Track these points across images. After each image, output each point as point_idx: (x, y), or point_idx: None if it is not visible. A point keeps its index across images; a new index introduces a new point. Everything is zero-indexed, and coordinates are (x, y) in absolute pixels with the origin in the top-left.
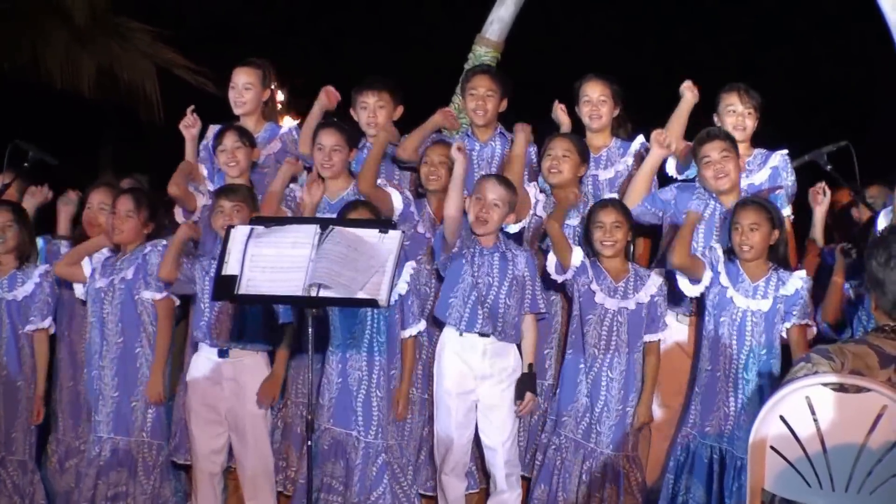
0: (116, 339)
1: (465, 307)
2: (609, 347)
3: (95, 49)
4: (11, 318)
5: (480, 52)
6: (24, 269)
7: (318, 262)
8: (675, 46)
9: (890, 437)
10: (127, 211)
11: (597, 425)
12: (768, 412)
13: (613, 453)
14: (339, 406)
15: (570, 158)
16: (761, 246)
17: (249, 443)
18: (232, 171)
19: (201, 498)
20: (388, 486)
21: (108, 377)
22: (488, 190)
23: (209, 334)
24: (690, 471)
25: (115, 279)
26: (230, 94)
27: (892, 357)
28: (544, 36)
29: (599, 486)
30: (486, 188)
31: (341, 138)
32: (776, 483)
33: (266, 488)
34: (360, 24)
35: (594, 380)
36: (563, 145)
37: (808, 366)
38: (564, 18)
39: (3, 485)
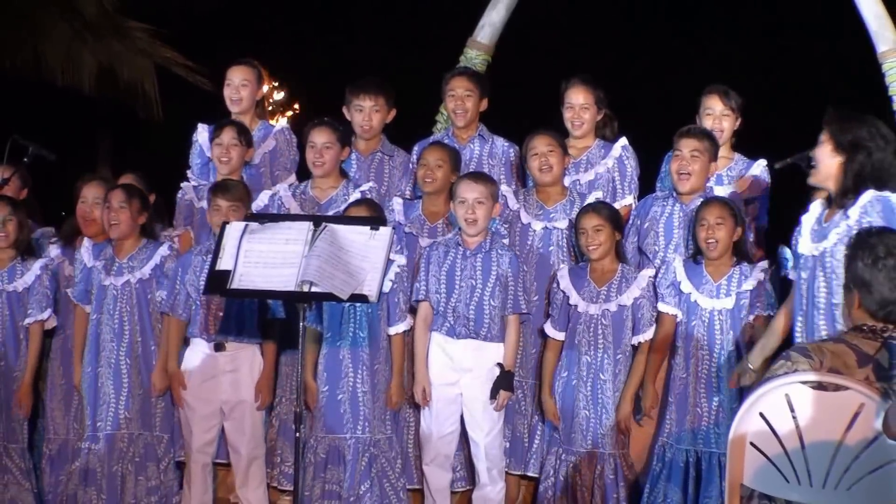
0: (136, 336)
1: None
2: (598, 350)
3: (96, 47)
4: (11, 310)
5: (472, 54)
6: (24, 262)
7: (310, 260)
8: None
9: (867, 435)
10: (120, 203)
11: (597, 427)
12: (748, 409)
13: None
14: (328, 414)
15: (555, 153)
16: (726, 241)
17: (246, 431)
18: (223, 168)
19: (195, 487)
20: (376, 480)
21: (123, 373)
22: (468, 190)
23: (205, 329)
24: (668, 478)
25: (130, 279)
26: (226, 92)
27: (869, 356)
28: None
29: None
30: (465, 189)
31: (333, 136)
32: (755, 479)
33: (257, 476)
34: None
35: (591, 383)
36: (546, 141)
37: (788, 364)
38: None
39: (10, 472)
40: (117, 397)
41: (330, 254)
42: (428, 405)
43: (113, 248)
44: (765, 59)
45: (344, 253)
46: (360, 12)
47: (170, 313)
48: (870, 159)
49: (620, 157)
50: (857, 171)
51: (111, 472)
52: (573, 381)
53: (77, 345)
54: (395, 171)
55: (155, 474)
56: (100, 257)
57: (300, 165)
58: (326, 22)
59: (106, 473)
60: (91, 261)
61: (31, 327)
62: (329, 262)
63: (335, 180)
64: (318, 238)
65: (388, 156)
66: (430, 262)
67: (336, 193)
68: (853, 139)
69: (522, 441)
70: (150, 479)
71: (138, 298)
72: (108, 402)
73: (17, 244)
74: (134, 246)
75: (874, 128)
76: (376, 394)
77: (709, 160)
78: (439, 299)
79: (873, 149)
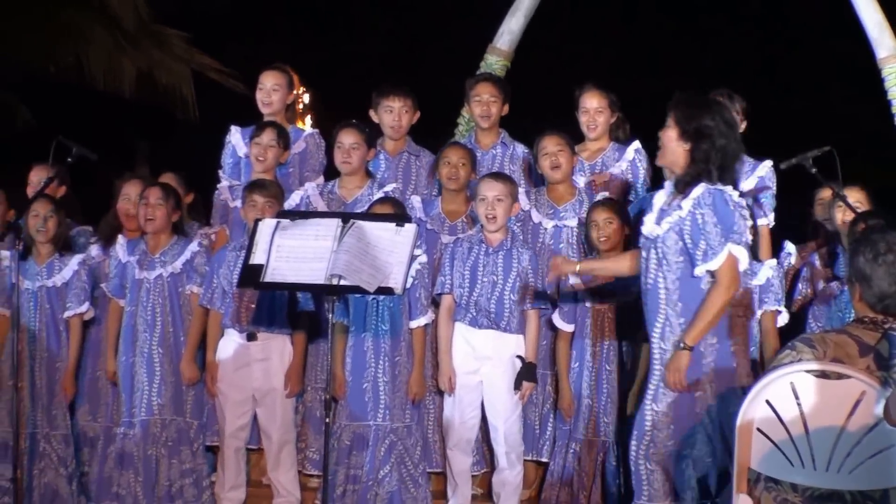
0: (168, 327)
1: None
2: (605, 341)
3: (136, 54)
4: (51, 304)
5: (492, 60)
6: (62, 258)
7: (338, 255)
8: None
9: (868, 421)
10: (157, 200)
11: (602, 416)
12: (755, 397)
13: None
14: (352, 403)
15: (564, 152)
16: None
17: (277, 417)
18: (258, 167)
19: (228, 470)
20: (395, 465)
21: (156, 362)
22: (488, 189)
23: (237, 320)
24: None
25: (162, 273)
26: (258, 95)
27: (870, 347)
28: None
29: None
30: (485, 188)
31: (360, 137)
32: (762, 463)
33: (288, 460)
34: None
35: (596, 373)
36: (555, 141)
37: (793, 354)
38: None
39: (48, 458)
40: (150, 385)
41: (357, 249)
42: (452, 393)
43: (146, 243)
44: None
45: (371, 248)
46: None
47: (208, 306)
48: (714, 147)
49: (633, 161)
50: (701, 158)
51: (146, 456)
52: (581, 372)
53: (111, 336)
54: (422, 170)
55: (188, 458)
56: (134, 253)
57: (326, 166)
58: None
59: (141, 457)
60: (125, 256)
61: (70, 320)
62: (357, 257)
63: (361, 180)
64: (347, 234)
65: (414, 156)
66: (454, 258)
67: (361, 193)
68: (698, 127)
69: (534, 428)
70: (182, 462)
71: (170, 291)
72: (141, 390)
73: (56, 240)
74: (167, 242)
75: (718, 115)
76: (397, 384)
77: None
78: (462, 293)
79: (717, 136)
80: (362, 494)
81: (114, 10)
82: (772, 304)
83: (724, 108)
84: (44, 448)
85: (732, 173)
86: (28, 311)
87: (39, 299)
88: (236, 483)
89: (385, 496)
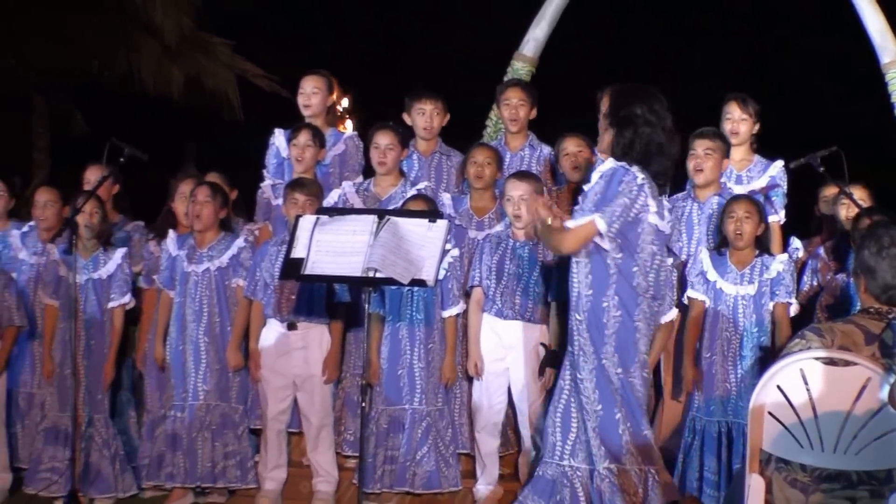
0: (214, 318)
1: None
2: None
3: (184, 62)
4: (97, 295)
5: (518, 66)
6: (106, 252)
7: (374, 249)
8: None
9: (873, 405)
10: (205, 197)
11: None
12: (766, 382)
13: None
14: (389, 388)
15: (584, 153)
16: (751, 234)
17: (316, 401)
18: (298, 167)
19: (270, 452)
20: (433, 446)
21: (202, 350)
22: (513, 189)
23: (278, 311)
24: (701, 447)
25: (210, 267)
26: (299, 99)
27: (875, 335)
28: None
29: None
30: (511, 188)
31: (395, 138)
32: (773, 444)
33: (326, 442)
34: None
35: None
36: (576, 142)
37: (802, 342)
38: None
39: (93, 440)
40: (196, 372)
41: (392, 243)
42: (480, 378)
43: (194, 238)
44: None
45: (405, 243)
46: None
47: (251, 297)
48: (637, 135)
49: None
50: (624, 144)
51: (193, 439)
52: None
53: (160, 326)
54: (452, 169)
55: (232, 441)
56: (183, 247)
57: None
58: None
59: (189, 440)
60: (175, 250)
61: (114, 310)
62: (391, 251)
63: (395, 178)
64: (382, 229)
65: (445, 155)
66: (483, 253)
67: (395, 190)
68: (625, 114)
69: None
70: (227, 444)
71: (217, 284)
72: (190, 376)
73: (101, 235)
74: (214, 237)
75: (648, 105)
76: (431, 370)
77: (720, 157)
78: (490, 285)
79: (641, 124)
80: (400, 474)
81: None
82: (783, 296)
83: (656, 99)
84: (89, 431)
85: (658, 164)
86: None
87: (86, 291)
88: (278, 463)
89: (423, 475)
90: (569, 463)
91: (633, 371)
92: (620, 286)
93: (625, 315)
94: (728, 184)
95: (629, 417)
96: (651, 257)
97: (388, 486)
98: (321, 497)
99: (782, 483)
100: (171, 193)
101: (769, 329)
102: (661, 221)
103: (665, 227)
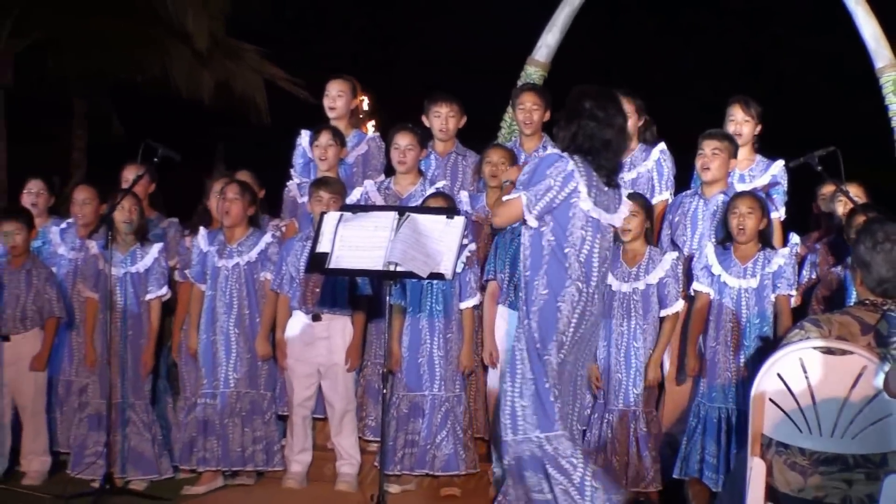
0: (244, 310)
1: (510, 290)
2: (630, 322)
3: (214, 67)
4: (135, 288)
5: (531, 70)
6: (143, 247)
7: (395, 244)
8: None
9: (868, 392)
10: (234, 195)
11: (630, 387)
12: (767, 370)
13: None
14: (409, 375)
15: None
16: (754, 229)
17: (339, 388)
18: (322, 165)
19: (297, 436)
20: (451, 430)
21: (232, 340)
22: None
23: (303, 302)
24: (704, 432)
25: (239, 261)
26: (324, 102)
27: (871, 326)
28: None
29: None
30: None
31: (414, 139)
32: (774, 429)
33: (349, 426)
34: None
35: (624, 350)
36: None
37: (801, 332)
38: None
39: (134, 424)
40: (227, 361)
41: (412, 239)
42: (494, 367)
43: (224, 234)
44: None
45: (424, 238)
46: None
47: (278, 290)
48: (580, 128)
49: (658, 160)
50: (567, 137)
51: (224, 424)
52: (610, 349)
53: (193, 317)
54: (468, 168)
55: (260, 426)
56: (213, 243)
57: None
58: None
59: (220, 425)
60: (206, 246)
61: (151, 302)
62: (411, 246)
63: (414, 178)
64: (402, 225)
65: (461, 156)
66: (497, 248)
67: (415, 188)
68: (573, 108)
69: None
70: (255, 430)
71: (246, 278)
72: (220, 365)
73: (139, 231)
74: (243, 233)
75: (598, 102)
76: (449, 358)
77: (727, 157)
78: (504, 278)
79: (587, 119)
80: (420, 457)
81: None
82: (785, 288)
83: (611, 100)
84: (129, 416)
85: (601, 158)
86: (114, 295)
87: (124, 284)
88: (304, 447)
89: (442, 458)
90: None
91: (549, 349)
92: (551, 267)
93: (550, 295)
94: (732, 182)
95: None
96: (581, 242)
97: (409, 469)
98: (345, 479)
99: (782, 466)
100: (206, 192)
101: (771, 320)
102: (596, 209)
103: (605, 218)
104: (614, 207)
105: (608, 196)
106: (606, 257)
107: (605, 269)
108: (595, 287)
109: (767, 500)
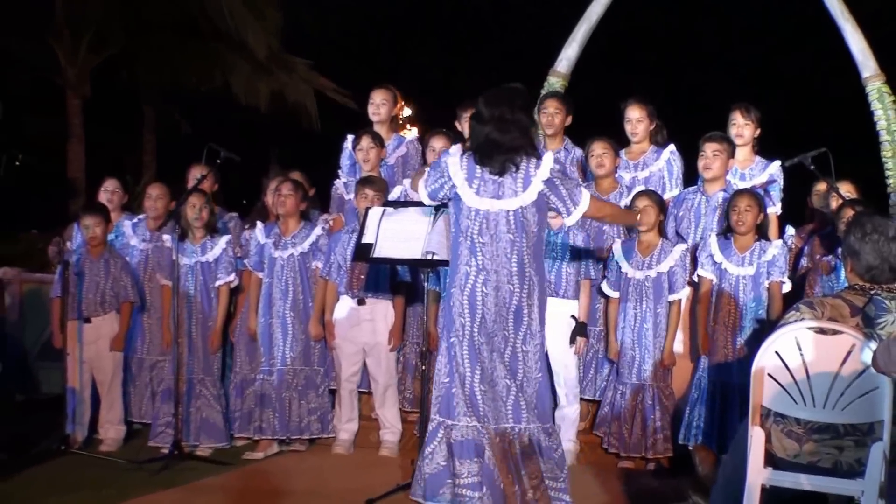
0: (298, 296)
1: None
2: (643, 305)
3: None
4: (204, 276)
5: (552, 81)
6: (212, 239)
7: (432, 236)
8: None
9: (857, 367)
10: (288, 191)
11: (641, 363)
12: (766, 348)
13: (651, 383)
14: None
15: (608, 154)
16: (751, 223)
17: (382, 365)
18: (365, 166)
19: (344, 408)
20: None
21: (288, 323)
22: None
23: (349, 288)
24: (702, 402)
25: (293, 252)
26: (369, 109)
27: (859, 308)
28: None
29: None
30: None
31: (448, 142)
32: (772, 401)
33: (391, 399)
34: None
35: (637, 330)
36: (602, 145)
37: (797, 314)
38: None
39: (204, 398)
40: (284, 341)
41: (447, 231)
42: None
43: (280, 228)
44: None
45: None
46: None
47: (327, 278)
48: (474, 131)
49: (669, 160)
50: (469, 136)
51: (281, 398)
52: (625, 329)
53: (252, 302)
54: None
55: (314, 399)
56: (270, 236)
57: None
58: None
59: (277, 399)
60: (263, 238)
61: (220, 288)
62: (447, 237)
63: None
64: (438, 219)
65: None
66: None
67: None
68: (483, 111)
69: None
70: (310, 402)
71: (299, 267)
72: (277, 345)
73: (208, 225)
74: (296, 227)
75: (513, 108)
76: None
77: (727, 157)
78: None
79: (481, 122)
80: None
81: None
82: (777, 275)
83: (512, 106)
84: (200, 390)
85: (491, 160)
86: (186, 282)
87: (195, 272)
88: (351, 417)
89: None
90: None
91: (452, 332)
92: (454, 254)
93: (451, 281)
94: (733, 180)
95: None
96: (466, 230)
97: None
98: (387, 446)
99: (780, 434)
100: (262, 190)
101: (766, 304)
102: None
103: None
104: (511, 193)
105: (490, 185)
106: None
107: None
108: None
109: (766, 464)
